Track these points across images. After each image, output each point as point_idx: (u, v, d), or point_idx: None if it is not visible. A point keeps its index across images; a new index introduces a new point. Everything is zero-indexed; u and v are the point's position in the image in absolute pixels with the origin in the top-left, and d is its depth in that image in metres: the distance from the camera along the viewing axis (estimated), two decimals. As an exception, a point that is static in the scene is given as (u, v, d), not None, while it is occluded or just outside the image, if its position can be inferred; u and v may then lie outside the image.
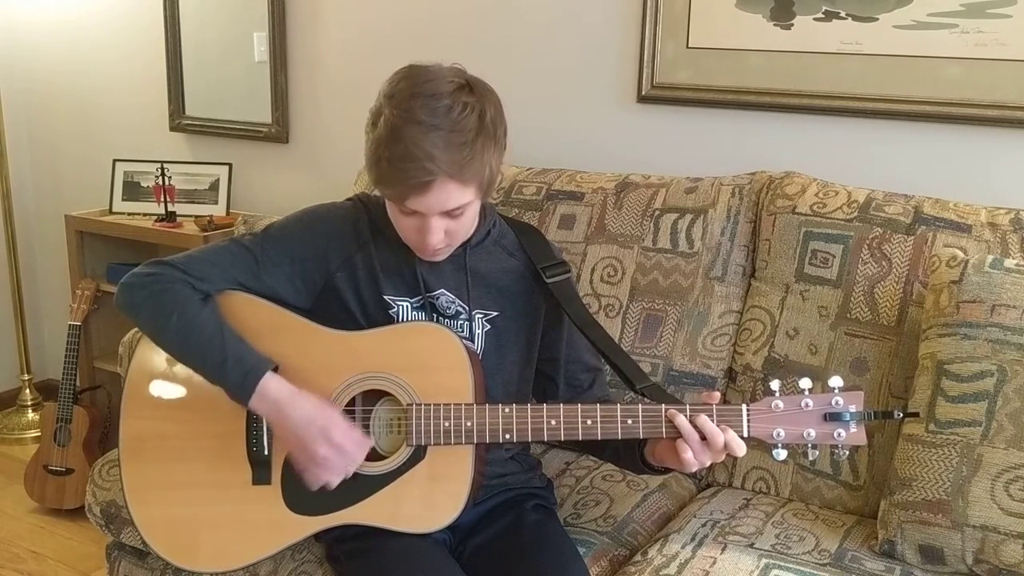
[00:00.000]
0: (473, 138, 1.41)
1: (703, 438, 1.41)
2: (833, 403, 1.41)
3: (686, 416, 1.41)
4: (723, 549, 1.63)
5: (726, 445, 1.40)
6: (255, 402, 1.47)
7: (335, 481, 1.48)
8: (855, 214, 1.92)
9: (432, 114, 1.39)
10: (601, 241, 2.12)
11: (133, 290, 1.54)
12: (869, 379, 1.83)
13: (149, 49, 3.16)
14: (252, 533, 1.55)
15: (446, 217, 1.47)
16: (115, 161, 3.11)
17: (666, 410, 1.43)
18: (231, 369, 1.47)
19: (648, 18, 2.32)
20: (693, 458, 1.41)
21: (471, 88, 1.45)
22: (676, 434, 1.42)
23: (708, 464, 1.43)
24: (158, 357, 1.59)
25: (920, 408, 1.65)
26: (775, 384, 1.44)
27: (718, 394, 1.46)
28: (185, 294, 1.51)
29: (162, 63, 3.14)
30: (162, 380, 1.60)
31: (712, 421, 1.41)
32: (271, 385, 1.47)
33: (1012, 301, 1.63)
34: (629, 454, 1.57)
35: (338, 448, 1.45)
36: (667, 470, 1.55)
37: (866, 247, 1.88)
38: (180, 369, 1.57)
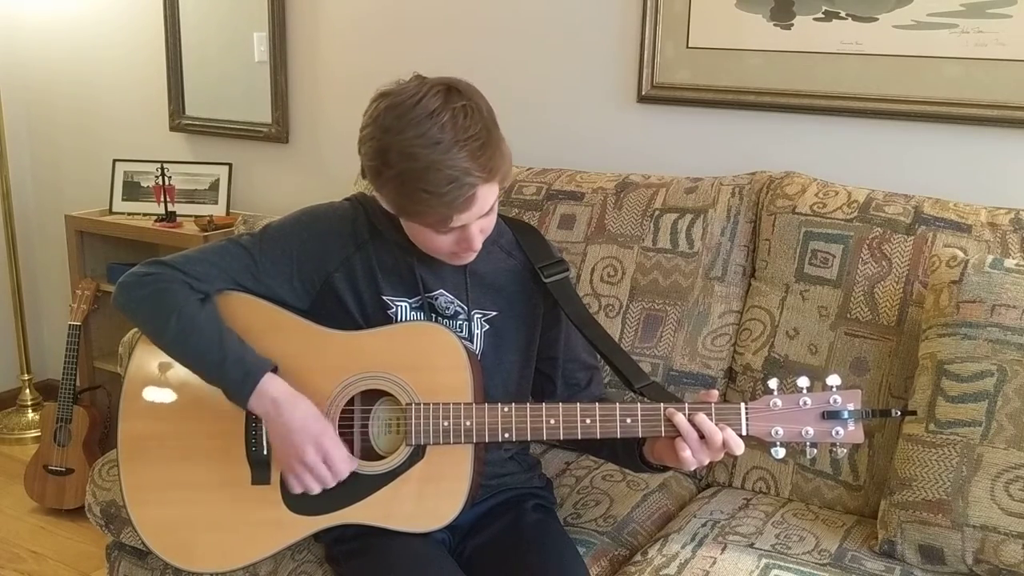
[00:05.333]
0: (487, 137, 1.41)
1: (701, 436, 1.41)
2: (831, 401, 1.41)
3: (684, 415, 1.41)
4: (723, 549, 1.63)
5: (724, 443, 1.40)
6: (253, 401, 1.47)
7: (315, 489, 1.48)
8: (855, 214, 1.92)
9: (443, 131, 1.36)
10: (601, 241, 2.12)
11: (131, 290, 1.54)
12: (869, 379, 1.83)
13: (149, 49, 3.16)
14: (251, 533, 1.55)
15: (482, 220, 1.47)
16: (115, 161, 3.11)
17: (665, 409, 1.43)
18: (230, 368, 1.47)
19: (648, 18, 2.32)
20: (691, 456, 1.41)
21: (456, 90, 1.42)
22: (675, 433, 1.43)
23: (707, 463, 1.43)
24: (156, 358, 1.59)
25: (920, 408, 1.65)
26: (773, 383, 1.44)
27: (716, 392, 1.46)
28: (184, 294, 1.51)
29: (162, 63, 3.14)
30: (160, 381, 1.59)
31: (711, 419, 1.41)
32: (270, 385, 1.47)
33: (1012, 301, 1.62)
34: (628, 453, 1.57)
35: (325, 456, 1.46)
36: (666, 468, 1.55)
37: (866, 247, 1.88)
38: (178, 370, 1.57)
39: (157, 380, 1.60)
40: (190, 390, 1.57)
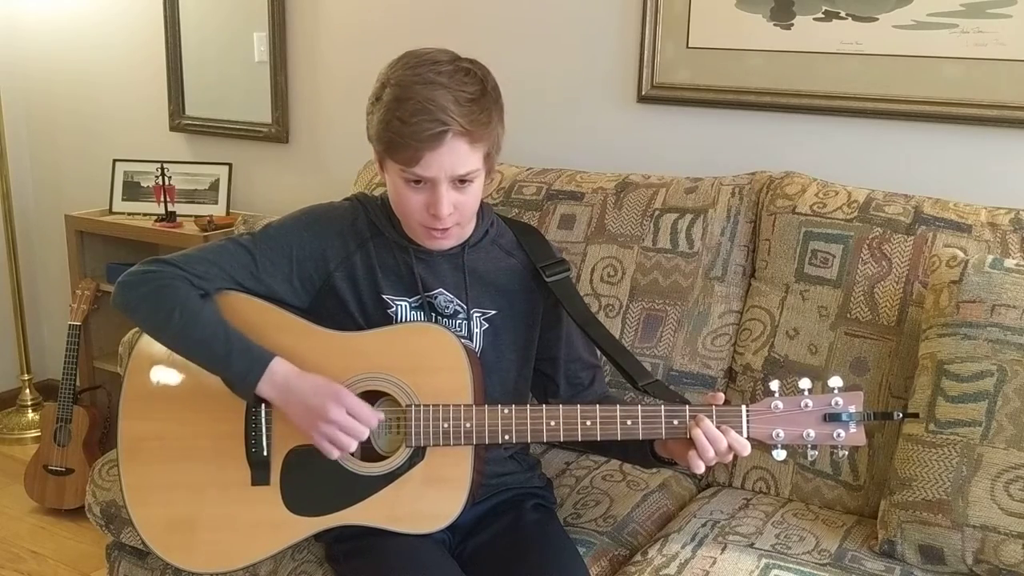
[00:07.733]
0: (479, 96, 1.46)
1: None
2: (833, 403, 1.41)
3: (686, 418, 1.42)
4: (723, 549, 1.63)
5: (730, 447, 1.41)
6: (263, 386, 1.46)
7: (351, 445, 1.47)
8: (855, 214, 1.92)
9: (438, 75, 1.44)
10: (601, 241, 2.12)
11: (131, 288, 1.54)
12: (869, 379, 1.83)
13: (149, 49, 3.16)
14: (251, 534, 1.55)
15: (455, 188, 1.48)
16: (115, 161, 3.11)
17: (691, 416, 1.44)
18: (236, 360, 1.47)
19: (648, 18, 2.32)
20: (698, 457, 1.41)
21: (470, 60, 1.50)
22: (674, 433, 1.43)
23: (713, 463, 1.43)
24: (156, 358, 1.59)
25: (920, 408, 1.65)
26: (775, 384, 1.44)
27: (722, 396, 1.46)
28: (185, 290, 1.51)
29: (162, 63, 3.14)
30: (160, 381, 1.59)
31: (712, 422, 1.41)
32: (280, 367, 1.48)
33: (1012, 301, 1.62)
34: (638, 448, 1.56)
35: (348, 409, 1.45)
36: (674, 463, 1.54)
37: (866, 247, 1.88)
38: (178, 370, 1.57)
39: (157, 380, 1.60)
40: (190, 390, 1.57)
